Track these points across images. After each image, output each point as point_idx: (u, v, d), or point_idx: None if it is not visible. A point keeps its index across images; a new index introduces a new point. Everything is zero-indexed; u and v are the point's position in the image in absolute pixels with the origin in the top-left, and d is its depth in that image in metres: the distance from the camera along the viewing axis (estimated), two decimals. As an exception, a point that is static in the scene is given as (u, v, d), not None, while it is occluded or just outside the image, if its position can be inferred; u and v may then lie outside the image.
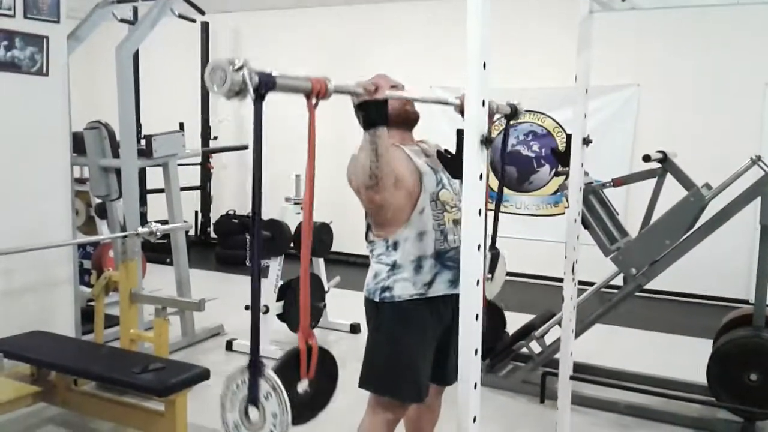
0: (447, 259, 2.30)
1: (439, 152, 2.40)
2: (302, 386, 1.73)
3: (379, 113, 2.02)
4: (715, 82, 6.17)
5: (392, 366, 2.32)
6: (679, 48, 6.29)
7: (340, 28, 7.92)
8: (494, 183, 7.32)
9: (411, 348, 2.31)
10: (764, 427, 3.47)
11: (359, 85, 1.97)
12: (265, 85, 1.47)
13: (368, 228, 2.39)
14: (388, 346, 2.33)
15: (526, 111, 7.47)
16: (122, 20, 5.29)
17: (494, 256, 2.65)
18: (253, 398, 1.53)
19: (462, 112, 2.44)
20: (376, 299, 2.32)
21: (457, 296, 2.37)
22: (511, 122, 2.58)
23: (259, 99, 1.45)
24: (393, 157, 2.15)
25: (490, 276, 2.62)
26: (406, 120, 2.41)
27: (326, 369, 1.81)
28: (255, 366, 1.54)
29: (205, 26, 8.33)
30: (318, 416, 1.82)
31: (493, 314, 2.53)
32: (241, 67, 1.42)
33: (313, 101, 1.63)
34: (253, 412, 1.54)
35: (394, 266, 2.30)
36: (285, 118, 2.29)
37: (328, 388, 1.85)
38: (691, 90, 6.28)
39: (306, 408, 1.75)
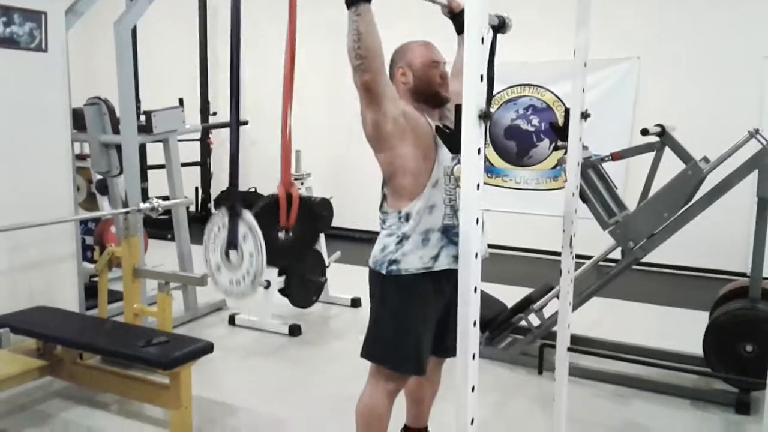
0: (453, 234, 2.32)
1: (437, 127, 2.41)
2: (282, 233, 1.77)
3: None
4: (714, 55, 6.15)
5: (396, 338, 2.35)
6: (678, 21, 6.26)
7: (341, 2, 7.85)
8: (493, 158, 7.28)
9: (415, 321, 2.34)
10: (759, 398, 3.52)
11: None
12: None
13: (383, 199, 2.38)
14: (393, 318, 2.36)
15: (525, 85, 7.37)
16: (120, -5, 5.26)
17: None
18: (232, 241, 1.58)
19: (450, 14, 2.45)
20: (383, 271, 2.33)
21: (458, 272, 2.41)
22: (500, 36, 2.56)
23: None
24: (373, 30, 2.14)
25: None
26: (435, 99, 2.40)
27: (309, 218, 1.83)
28: (234, 208, 1.58)
29: (203, 1, 8.27)
30: (298, 256, 1.87)
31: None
32: None
33: None
34: (232, 253, 1.59)
35: (403, 238, 2.30)
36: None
37: (310, 236, 1.87)
38: (691, 63, 6.26)
39: (286, 252, 1.80)
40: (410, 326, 2.34)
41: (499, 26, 2.41)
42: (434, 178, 2.29)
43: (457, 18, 2.47)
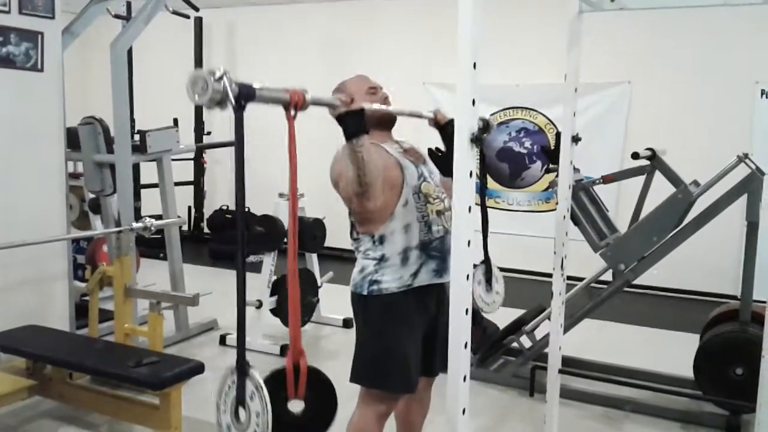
0: (432, 249, 2.37)
1: (430, 150, 2.45)
2: (295, 406, 1.76)
3: (358, 123, 2.07)
4: (705, 79, 6.23)
5: (382, 358, 2.36)
6: (670, 45, 6.34)
7: (334, 23, 7.94)
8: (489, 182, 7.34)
9: (399, 339, 2.36)
10: (749, 420, 3.52)
11: (336, 98, 2.02)
12: (245, 96, 1.51)
13: (353, 225, 2.44)
14: (377, 338, 2.37)
15: (518, 107, 7.44)
16: (116, 16, 5.31)
17: (488, 267, 2.63)
18: (240, 399, 1.58)
19: (436, 126, 2.48)
20: (364, 292, 2.36)
21: (440, 285, 2.42)
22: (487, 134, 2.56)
23: (239, 109, 1.50)
24: (374, 156, 2.19)
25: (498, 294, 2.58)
26: (384, 120, 2.44)
27: (321, 392, 1.83)
28: (241, 366, 1.58)
29: (198, 21, 8.32)
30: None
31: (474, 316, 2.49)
32: (221, 77, 1.45)
33: (292, 112, 1.68)
34: (242, 413, 1.59)
35: (381, 260, 2.35)
36: (281, 114, 2.32)
37: (324, 412, 1.86)
38: (682, 87, 6.33)
39: (300, 429, 1.79)
40: (395, 344, 2.35)
41: (484, 129, 2.42)
42: (403, 199, 2.35)
43: (443, 129, 2.48)
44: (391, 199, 2.33)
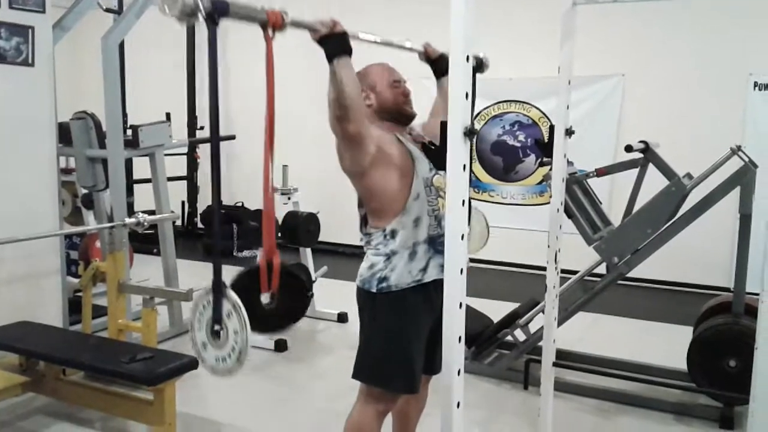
0: (439, 244, 2.31)
1: (423, 144, 2.43)
2: (265, 299, 1.78)
3: (340, 45, 2.06)
4: (699, 72, 6.23)
5: (388, 357, 2.33)
6: (663, 38, 6.34)
7: (327, 15, 7.90)
8: (480, 173, 7.33)
9: (407, 339, 2.32)
10: (742, 412, 3.54)
11: (318, 21, 2.01)
12: (219, 10, 1.48)
13: (363, 220, 2.39)
14: (384, 337, 2.33)
15: (512, 101, 7.42)
16: (107, 10, 5.27)
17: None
18: (217, 317, 1.58)
19: (427, 60, 2.47)
20: (373, 289, 2.31)
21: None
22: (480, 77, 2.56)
23: (212, 24, 1.47)
24: (359, 85, 2.16)
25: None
26: (401, 116, 2.43)
27: (292, 285, 1.84)
28: (217, 286, 1.58)
29: (190, 15, 8.29)
30: (287, 328, 1.89)
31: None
32: None
33: (270, 33, 1.66)
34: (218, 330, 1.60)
35: (390, 255, 2.30)
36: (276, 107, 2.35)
37: (295, 304, 1.88)
38: (676, 80, 6.34)
39: (273, 320, 1.81)
40: (403, 344, 2.32)
41: (477, 66, 2.43)
42: (415, 192, 2.30)
43: (434, 63, 2.49)
44: (402, 190, 2.28)
